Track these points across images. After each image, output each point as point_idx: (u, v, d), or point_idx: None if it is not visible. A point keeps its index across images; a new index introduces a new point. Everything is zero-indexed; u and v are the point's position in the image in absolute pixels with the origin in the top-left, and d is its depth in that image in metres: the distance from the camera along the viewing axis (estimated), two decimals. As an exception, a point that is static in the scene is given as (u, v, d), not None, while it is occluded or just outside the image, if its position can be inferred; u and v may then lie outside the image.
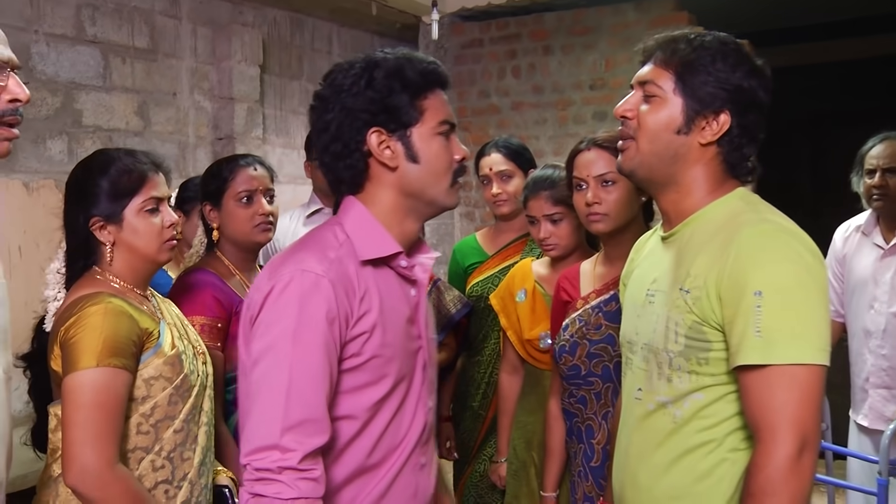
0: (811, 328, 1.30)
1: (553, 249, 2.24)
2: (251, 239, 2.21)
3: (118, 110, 3.81)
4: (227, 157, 2.34)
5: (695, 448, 1.40)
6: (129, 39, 3.85)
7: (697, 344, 1.39)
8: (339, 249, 1.41)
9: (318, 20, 5.04)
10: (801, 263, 1.32)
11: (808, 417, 1.29)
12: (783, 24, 5.66)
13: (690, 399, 1.40)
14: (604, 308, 1.96)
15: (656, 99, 1.44)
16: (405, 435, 1.48)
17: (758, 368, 1.30)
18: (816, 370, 1.30)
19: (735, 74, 1.42)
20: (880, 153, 2.95)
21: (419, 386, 1.51)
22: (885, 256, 2.95)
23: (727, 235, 1.37)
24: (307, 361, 1.32)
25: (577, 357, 1.95)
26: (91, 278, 1.73)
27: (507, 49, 5.07)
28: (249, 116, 4.39)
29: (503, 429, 2.39)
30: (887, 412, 2.90)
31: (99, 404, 1.57)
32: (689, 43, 1.44)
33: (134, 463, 1.67)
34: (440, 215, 5.77)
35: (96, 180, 1.72)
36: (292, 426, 1.29)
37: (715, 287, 1.35)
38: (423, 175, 1.44)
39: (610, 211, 1.91)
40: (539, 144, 4.84)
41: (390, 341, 1.43)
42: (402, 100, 1.41)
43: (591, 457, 1.93)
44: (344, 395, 1.39)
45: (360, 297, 1.39)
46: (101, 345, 1.59)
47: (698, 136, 1.43)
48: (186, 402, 1.72)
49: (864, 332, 2.99)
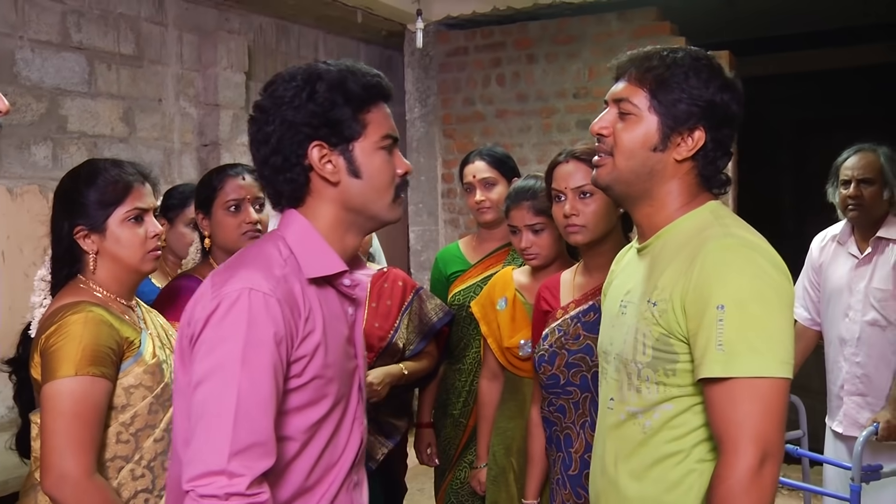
0: (773, 342, 1.31)
1: (534, 259, 2.27)
2: (239, 246, 2.21)
3: (103, 116, 3.82)
4: (219, 167, 2.38)
5: (664, 458, 1.42)
6: (115, 46, 3.86)
7: (664, 355, 1.41)
8: (284, 267, 1.36)
9: (304, 27, 5.07)
10: (763, 278, 1.34)
11: (770, 430, 1.30)
12: (765, 33, 5.72)
13: (660, 410, 1.43)
14: (582, 318, 1.98)
15: (631, 117, 1.46)
16: (341, 455, 1.45)
17: (721, 381, 1.32)
18: (779, 383, 1.31)
19: (708, 90, 1.43)
20: (855, 164, 3.00)
21: (355, 405, 1.49)
22: (860, 266, 3.00)
23: (693, 249, 1.39)
24: (256, 384, 1.26)
25: (555, 366, 1.97)
26: (75, 287, 1.75)
27: (491, 57, 5.11)
28: (235, 123, 4.41)
29: (483, 435, 2.42)
30: (861, 419, 2.94)
31: (77, 413, 1.59)
32: (662, 60, 1.45)
33: (113, 472, 1.68)
34: (426, 222, 5.75)
35: (82, 190, 1.75)
36: (240, 451, 1.23)
37: (680, 300, 1.38)
38: (365, 190, 1.41)
39: (588, 223, 1.93)
40: (523, 152, 4.88)
41: (331, 362, 1.39)
42: (344, 113, 1.38)
43: (570, 465, 1.95)
44: (285, 416, 1.35)
45: (304, 317, 1.35)
46: (80, 353, 1.60)
47: (674, 153, 1.45)
48: (168, 410, 1.73)
49: (839, 339, 3.04)
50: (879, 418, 2.76)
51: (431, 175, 5.30)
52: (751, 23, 5.35)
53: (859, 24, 5.54)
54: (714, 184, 1.50)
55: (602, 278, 1.95)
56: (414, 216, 5.34)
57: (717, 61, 1.49)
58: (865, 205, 2.96)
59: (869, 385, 2.95)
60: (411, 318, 2.57)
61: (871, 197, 2.95)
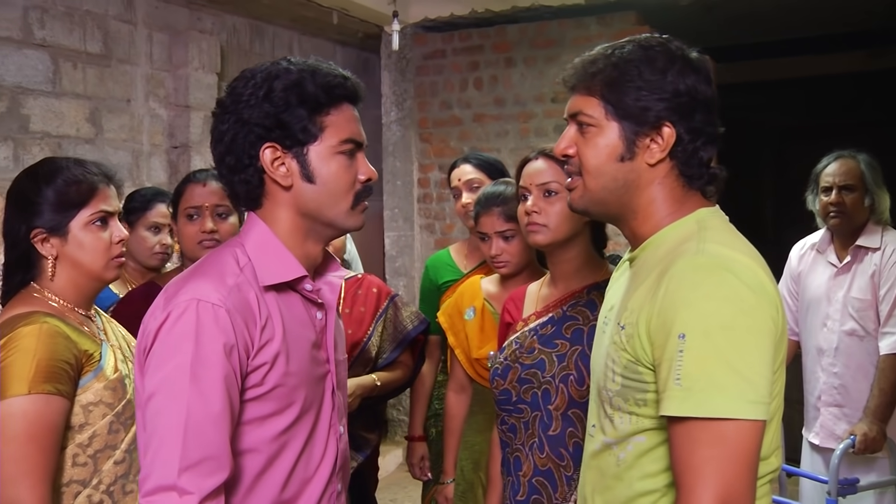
0: (742, 377, 1.14)
1: (504, 267, 2.19)
2: (196, 256, 2.15)
3: (68, 116, 3.71)
4: (190, 172, 2.32)
5: (638, 496, 1.28)
6: (81, 44, 3.76)
7: (634, 384, 1.26)
8: (238, 276, 1.33)
9: (279, 28, 4.98)
10: (734, 303, 1.16)
11: (732, 478, 1.13)
12: (746, 39, 5.70)
13: (633, 441, 1.28)
14: (539, 331, 1.86)
15: (590, 129, 1.32)
16: (319, 464, 1.41)
17: (681, 420, 1.16)
18: (747, 426, 1.13)
19: (667, 79, 1.27)
20: (835, 171, 2.96)
21: (329, 412, 1.44)
22: (838, 274, 2.96)
23: (664, 268, 1.24)
24: (205, 397, 1.24)
25: (507, 381, 1.85)
26: (27, 296, 1.62)
27: (469, 61, 5.05)
28: (206, 125, 4.31)
29: (450, 449, 2.34)
30: (838, 431, 2.90)
31: (32, 436, 1.45)
32: (607, 59, 1.30)
33: (69, 498, 1.54)
34: (401, 228, 5.70)
35: (41, 189, 1.62)
36: (190, 466, 1.21)
37: (645, 325, 1.23)
38: (319, 196, 1.36)
39: (549, 222, 1.80)
40: (500, 157, 4.75)
41: (294, 370, 1.35)
42: (298, 115, 1.33)
43: (518, 490, 1.81)
44: (247, 427, 1.32)
45: (261, 326, 1.31)
46: (34, 369, 1.47)
47: (645, 158, 1.30)
48: (129, 429, 1.60)
49: (816, 350, 2.99)
50: (856, 431, 2.71)
51: (407, 180, 5.23)
52: (731, 29, 5.33)
53: (840, 32, 5.53)
54: (702, 181, 1.33)
55: (567, 289, 1.86)
56: (389, 221, 5.27)
57: (674, 44, 1.32)
58: (847, 212, 2.92)
59: (846, 396, 2.90)
60: (385, 326, 2.48)
61: (852, 204, 2.91)
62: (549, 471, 1.77)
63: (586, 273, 1.86)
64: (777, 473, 1.31)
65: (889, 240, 2.89)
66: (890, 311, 2.79)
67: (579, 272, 1.86)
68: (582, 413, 1.73)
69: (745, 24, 5.24)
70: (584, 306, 1.82)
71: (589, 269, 1.86)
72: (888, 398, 2.74)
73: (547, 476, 1.77)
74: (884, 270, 2.83)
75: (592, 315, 1.80)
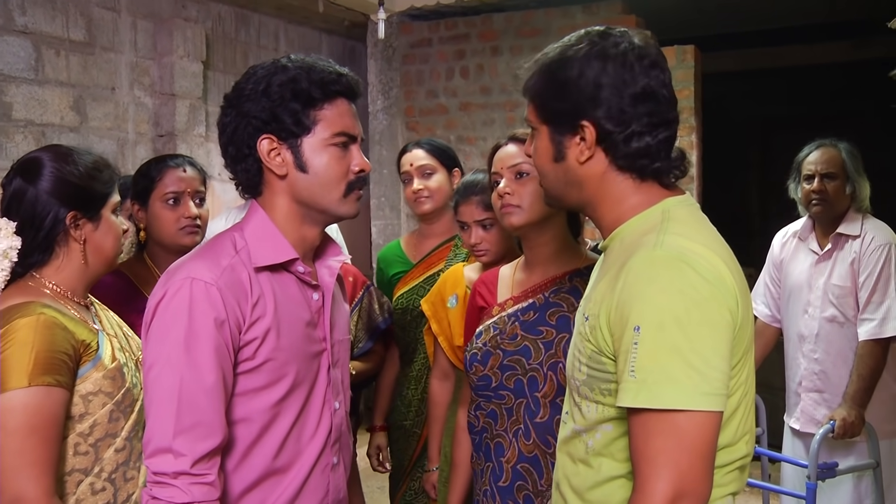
0: (693, 369, 1.15)
1: (484, 255, 2.20)
2: (176, 241, 2.16)
3: (52, 104, 3.69)
4: (158, 157, 2.29)
5: (606, 481, 1.32)
6: (64, 31, 3.74)
7: (598, 374, 1.29)
8: (233, 257, 1.45)
9: (265, 16, 4.96)
10: (688, 295, 1.17)
11: (686, 468, 1.15)
12: (731, 29, 5.73)
13: (601, 430, 1.31)
14: (521, 317, 1.85)
15: (533, 132, 1.38)
16: (312, 436, 1.51)
17: (636, 412, 1.18)
18: (701, 417, 1.15)
19: (586, 74, 1.27)
20: (818, 159, 2.99)
21: (323, 388, 1.54)
22: (819, 262, 2.99)
23: (625, 259, 1.25)
24: (197, 367, 1.35)
25: (488, 367, 1.84)
26: (23, 285, 1.60)
27: (455, 49, 5.05)
28: (192, 113, 4.30)
29: (434, 436, 2.34)
30: (818, 416, 2.93)
31: (33, 428, 1.45)
32: (535, 64, 1.36)
33: (71, 486, 1.55)
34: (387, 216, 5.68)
35: (81, 174, 1.63)
36: (183, 430, 1.33)
37: (606, 317, 1.25)
38: (311, 185, 1.47)
39: (522, 202, 1.78)
40: (486, 145, 4.82)
41: (285, 345, 1.45)
42: (292, 109, 1.43)
43: (500, 476, 1.81)
44: (239, 398, 1.43)
45: (252, 303, 1.42)
46: (33, 361, 1.47)
47: (576, 156, 1.31)
48: (129, 417, 1.62)
49: (798, 336, 3.02)
50: (836, 416, 2.74)
51: (393, 168, 5.17)
52: (717, 18, 5.35)
53: (825, 22, 5.56)
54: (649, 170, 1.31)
55: (545, 275, 1.86)
56: (376, 210, 5.27)
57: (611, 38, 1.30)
58: (829, 199, 2.95)
59: (826, 382, 2.94)
60: (361, 316, 2.48)
61: (834, 191, 2.95)
62: (536, 457, 1.78)
63: (565, 259, 1.86)
64: (748, 460, 1.33)
65: (869, 227, 2.92)
66: (868, 298, 2.83)
67: (557, 257, 1.86)
68: None
69: (731, 14, 5.26)
70: (568, 293, 1.83)
71: (567, 254, 1.87)
72: (866, 383, 2.78)
73: (533, 462, 1.78)
74: (863, 258, 2.87)
75: (577, 302, 1.80)
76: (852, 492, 2.87)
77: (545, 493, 1.77)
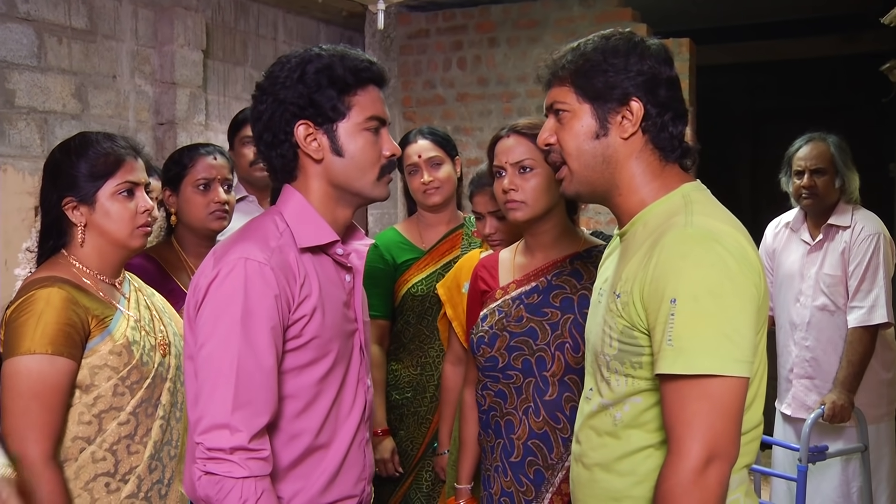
0: (726, 338, 1.25)
1: (499, 244, 2.23)
2: (206, 226, 2.26)
3: (54, 92, 3.71)
4: (190, 146, 2.39)
5: (634, 452, 1.40)
6: (66, 19, 3.75)
7: (630, 348, 1.38)
8: (279, 238, 1.49)
9: (264, 6, 4.98)
10: (720, 270, 1.27)
11: (719, 430, 1.25)
12: (725, 22, 5.77)
13: (629, 402, 1.40)
14: (525, 300, 1.91)
15: (566, 114, 1.45)
16: (349, 412, 1.56)
17: (672, 378, 1.28)
18: (732, 382, 1.25)
19: (630, 61, 1.41)
20: (807, 154, 3.06)
21: (357, 366, 1.60)
22: (811, 252, 3.06)
23: (655, 239, 1.35)
24: (253, 346, 1.39)
25: (495, 349, 1.91)
26: (54, 261, 1.72)
27: (453, 40, 5.08)
28: (192, 102, 4.32)
29: (446, 420, 2.37)
30: (809, 401, 3.01)
31: (36, 394, 1.56)
32: (574, 51, 1.45)
33: (74, 452, 1.64)
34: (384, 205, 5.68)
35: (73, 161, 1.73)
36: (240, 406, 1.37)
37: (639, 293, 1.34)
38: (347, 168, 1.52)
39: (527, 198, 1.86)
40: (483, 136, 4.87)
41: (329, 323, 1.51)
42: (328, 95, 1.48)
43: (512, 452, 1.89)
44: (287, 375, 1.47)
45: (300, 283, 1.47)
46: (41, 331, 1.58)
47: (619, 132, 1.42)
48: (135, 393, 1.70)
49: (790, 324, 3.10)
50: (826, 401, 2.83)
51: (391, 158, 5.26)
52: (712, 11, 5.40)
53: (815, 16, 5.62)
54: (676, 153, 1.45)
55: (547, 259, 1.92)
56: (373, 199, 5.29)
57: (636, 36, 1.46)
58: (819, 194, 3.03)
59: (817, 368, 3.01)
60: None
61: (823, 186, 3.02)
62: (546, 433, 1.85)
63: (566, 243, 1.94)
64: (760, 431, 1.43)
65: (859, 218, 3.00)
66: (858, 286, 2.91)
67: (558, 242, 1.93)
68: (578, 378, 1.81)
69: (723, 7, 5.31)
70: (570, 275, 1.90)
71: (567, 238, 1.94)
72: (856, 369, 2.86)
73: (543, 438, 1.86)
74: (853, 247, 2.95)
75: (580, 284, 1.87)
76: (840, 474, 2.96)
77: (555, 466, 1.84)
